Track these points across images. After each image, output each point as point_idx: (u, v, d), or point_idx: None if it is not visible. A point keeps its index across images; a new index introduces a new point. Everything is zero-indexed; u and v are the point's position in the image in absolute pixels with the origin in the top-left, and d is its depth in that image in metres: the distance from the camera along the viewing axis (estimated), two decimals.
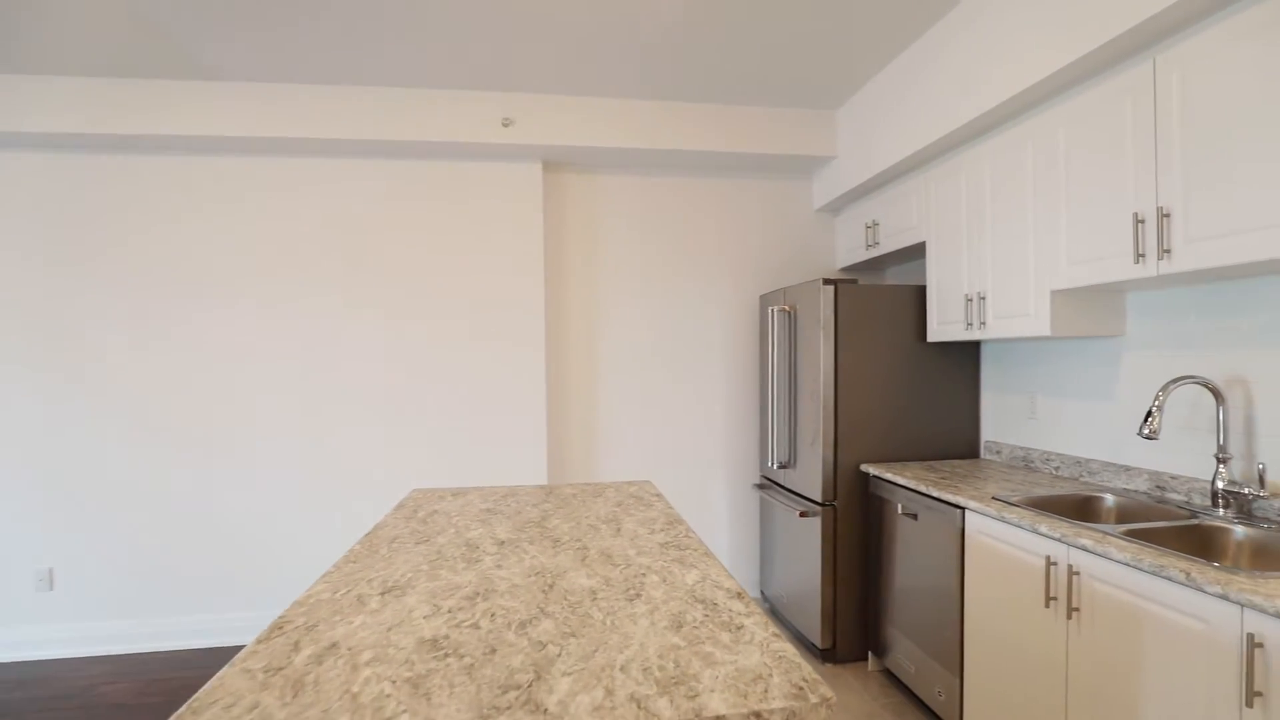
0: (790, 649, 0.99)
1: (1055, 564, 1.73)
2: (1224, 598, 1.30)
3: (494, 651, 0.98)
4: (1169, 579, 1.42)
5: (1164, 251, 1.72)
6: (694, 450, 3.61)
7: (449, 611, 1.14)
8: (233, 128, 2.93)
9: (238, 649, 3.09)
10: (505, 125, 3.07)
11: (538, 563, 1.41)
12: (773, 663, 0.95)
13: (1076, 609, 1.67)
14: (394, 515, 1.86)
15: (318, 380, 3.20)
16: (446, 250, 3.29)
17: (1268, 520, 1.72)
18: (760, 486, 3.45)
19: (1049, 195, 2.12)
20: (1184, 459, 2.00)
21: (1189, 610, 1.38)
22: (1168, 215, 1.71)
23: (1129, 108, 1.83)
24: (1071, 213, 2.04)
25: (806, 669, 0.93)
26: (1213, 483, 1.82)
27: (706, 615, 1.12)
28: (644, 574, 1.33)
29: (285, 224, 3.18)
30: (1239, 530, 1.71)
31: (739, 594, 1.22)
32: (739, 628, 1.07)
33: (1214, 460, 1.91)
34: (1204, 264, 1.62)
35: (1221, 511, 1.79)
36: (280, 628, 1.07)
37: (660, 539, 1.59)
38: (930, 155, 2.73)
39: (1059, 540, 1.72)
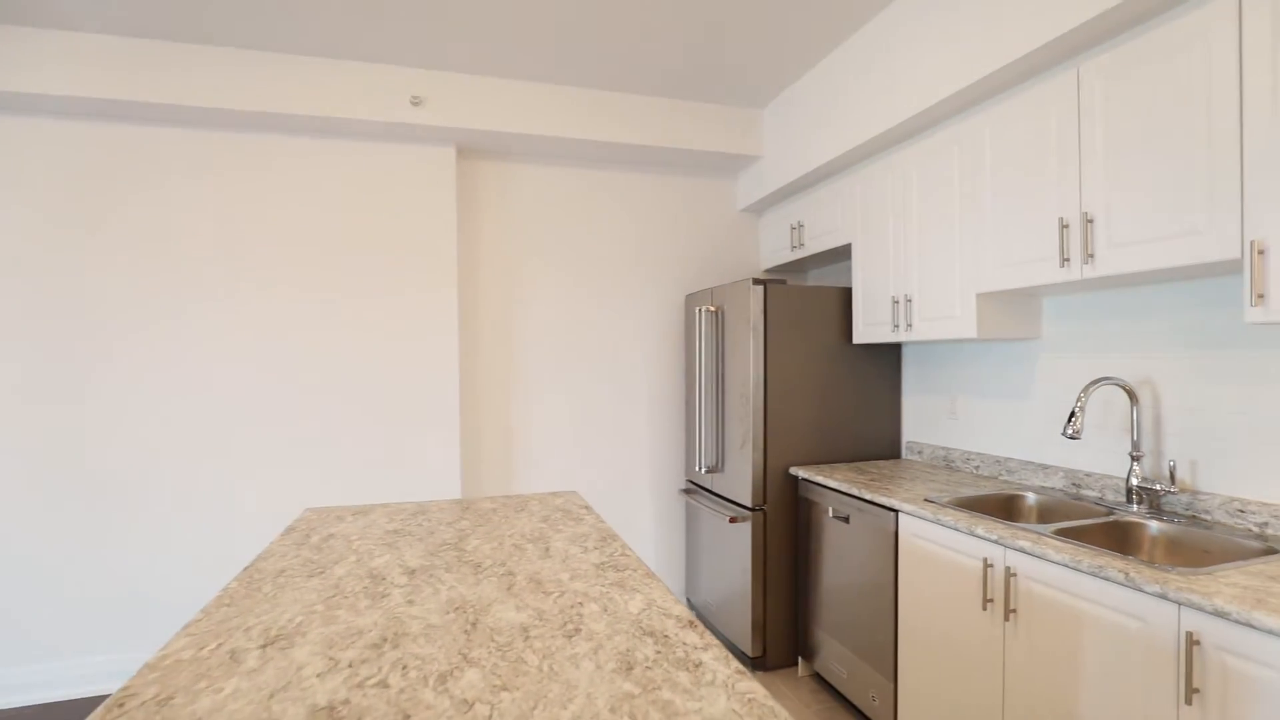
0: (760, 689, 0.87)
1: (992, 566, 1.73)
2: (1163, 596, 1.31)
3: (408, 719, 0.80)
4: (1107, 579, 1.42)
5: (1088, 256, 1.75)
6: (617, 455, 3.47)
7: (349, 666, 0.94)
8: (67, 86, 2.49)
9: (99, 699, 2.64)
10: (414, 104, 2.80)
11: (457, 594, 1.22)
12: (743, 708, 0.82)
13: (1014, 610, 1.67)
14: (281, 541, 1.60)
15: (195, 381, 2.80)
16: (346, 240, 2.97)
17: (1177, 514, 1.79)
18: (687, 491, 3.36)
19: (975, 199, 2.15)
20: (1097, 457, 2.07)
21: (1127, 609, 1.39)
22: (1091, 220, 1.75)
23: (1054, 115, 1.86)
24: (998, 216, 2.07)
25: (782, 713, 0.81)
26: (1127, 480, 1.89)
27: (659, 652, 0.98)
28: (581, 603, 1.18)
29: (150, 208, 2.75)
30: (1154, 525, 1.77)
31: (690, 622, 1.09)
32: (697, 664, 0.94)
33: (1126, 458, 1.98)
34: (1127, 268, 1.66)
35: (1135, 507, 1.86)
36: (121, 705, 0.83)
37: (595, 559, 1.44)
38: (857, 158, 2.73)
39: (996, 542, 1.71)
